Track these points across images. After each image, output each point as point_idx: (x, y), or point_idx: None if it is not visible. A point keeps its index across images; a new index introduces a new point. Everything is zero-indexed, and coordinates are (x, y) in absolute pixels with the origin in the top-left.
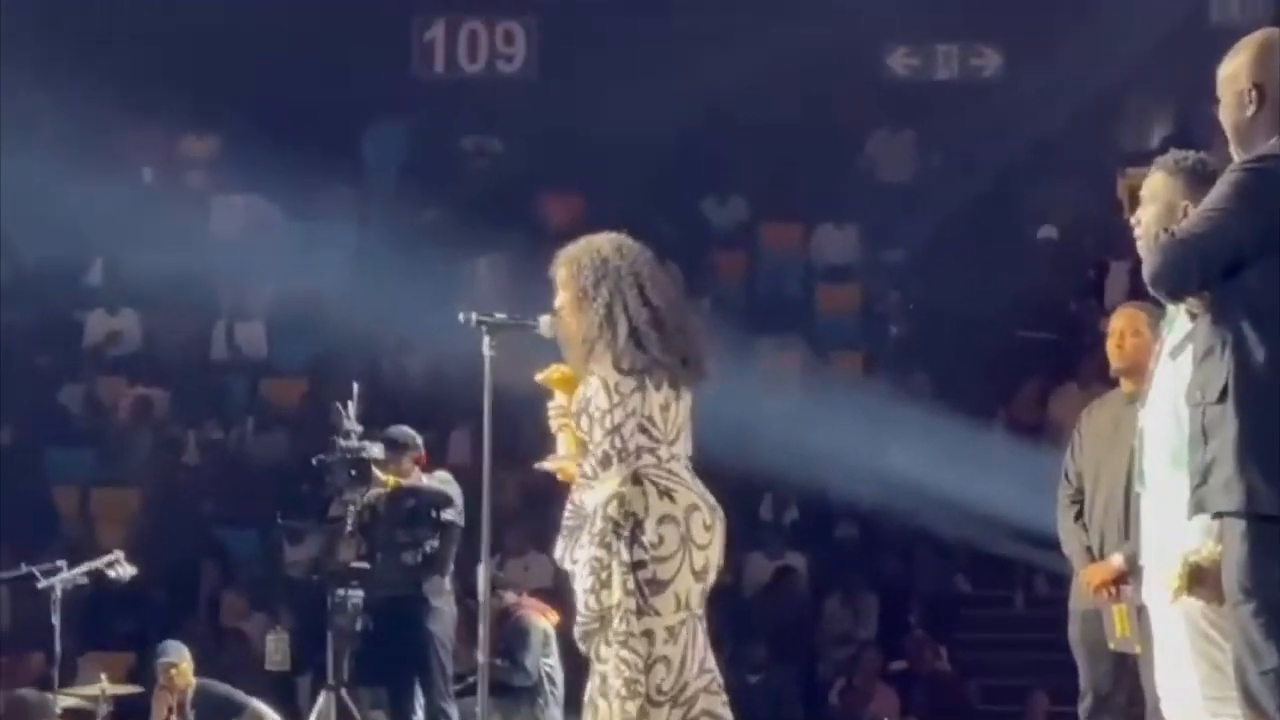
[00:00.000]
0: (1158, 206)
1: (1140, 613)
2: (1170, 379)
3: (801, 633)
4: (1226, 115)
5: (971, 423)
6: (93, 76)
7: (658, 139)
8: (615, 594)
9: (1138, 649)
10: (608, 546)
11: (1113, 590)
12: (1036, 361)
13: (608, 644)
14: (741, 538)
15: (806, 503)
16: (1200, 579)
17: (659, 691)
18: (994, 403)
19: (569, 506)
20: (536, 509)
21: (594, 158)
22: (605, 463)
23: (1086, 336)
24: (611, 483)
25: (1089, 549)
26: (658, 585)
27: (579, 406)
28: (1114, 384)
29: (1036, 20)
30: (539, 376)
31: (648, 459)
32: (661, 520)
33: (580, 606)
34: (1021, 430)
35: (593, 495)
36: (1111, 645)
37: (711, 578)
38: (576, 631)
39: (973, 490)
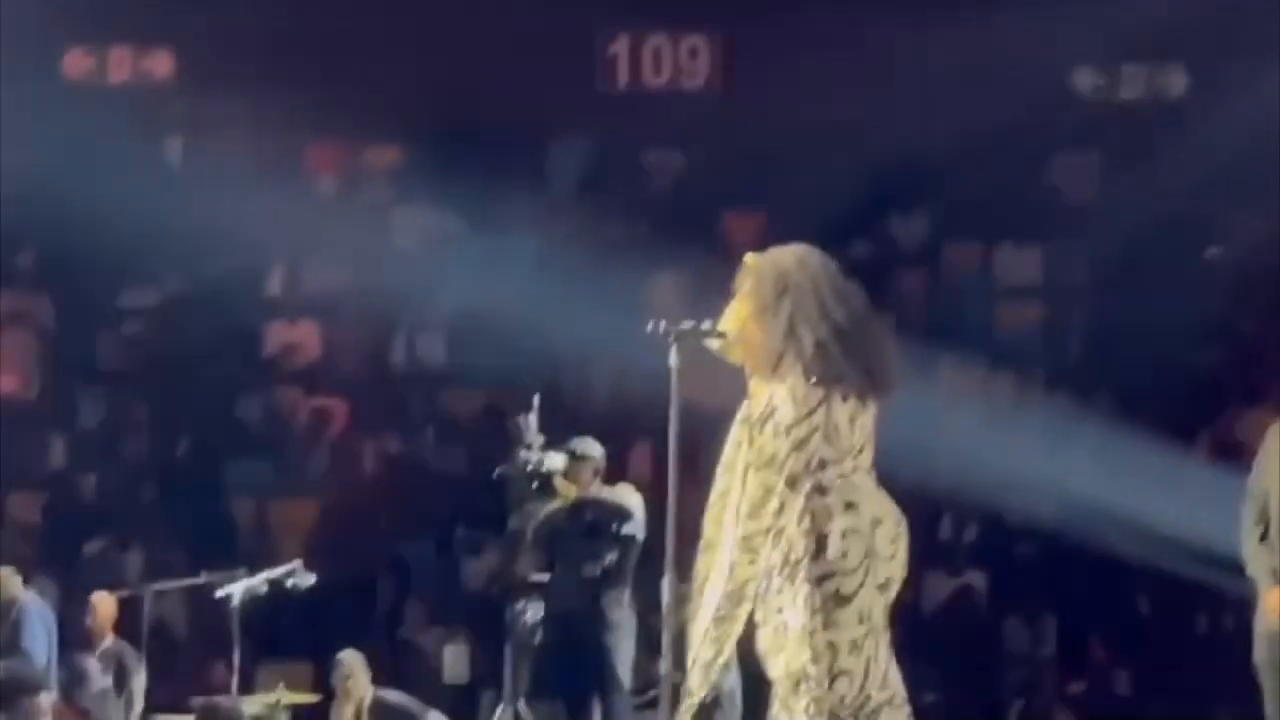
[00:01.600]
0: None
1: None
2: None
3: (980, 652)
4: None
5: (1157, 442)
6: (275, 87)
7: (841, 157)
8: (801, 612)
9: None
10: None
11: None
12: (1224, 383)
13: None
14: (920, 556)
15: (986, 521)
16: None
17: (841, 704)
18: (1187, 423)
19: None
20: None
21: (777, 175)
22: (794, 482)
23: (1271, 358)
24: (800, 499)
25: (1275, 570)
26: (842, 599)
27: (764, 412)
28: None
29: (1224, 42)
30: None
31: (832, 471)
32: (845, 534)
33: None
34: (1215, 451)
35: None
36: None
37: (895, 591)
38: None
39: (1155, 510)
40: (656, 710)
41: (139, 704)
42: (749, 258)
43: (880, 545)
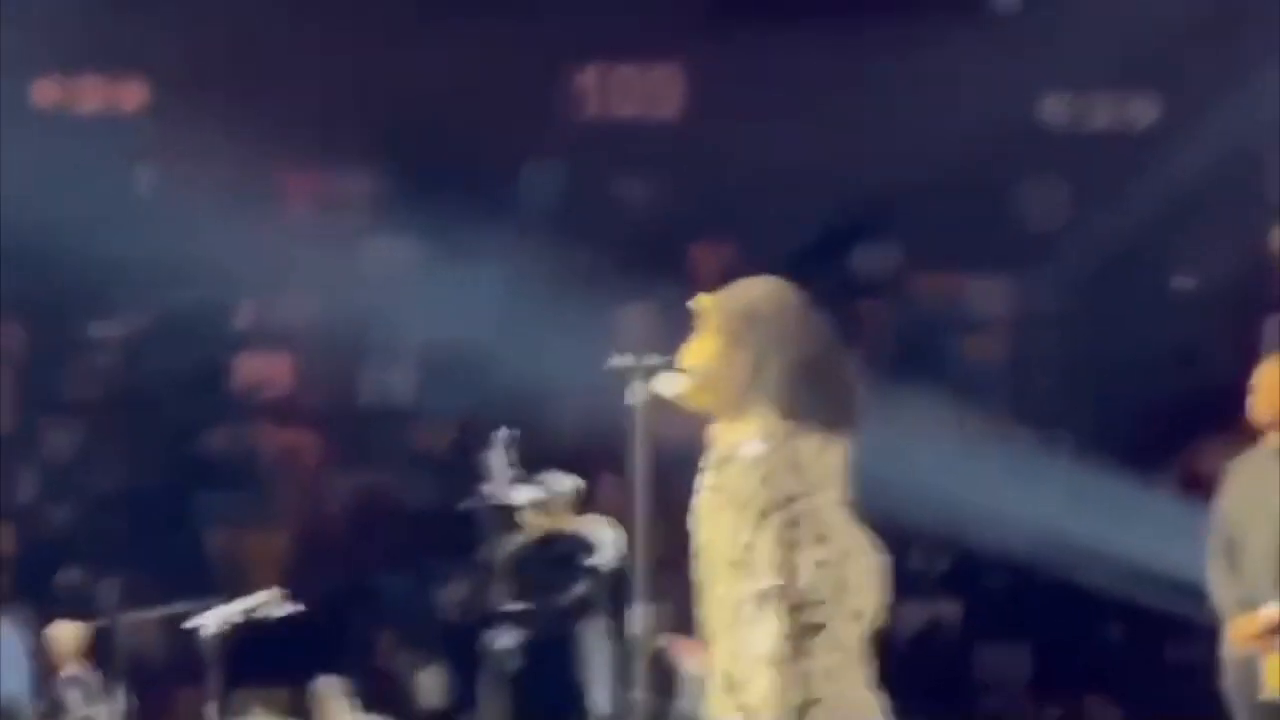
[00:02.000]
0: None
1: None
2: None
3: (952, 682)
4: None
5: (1126, 474)
6: (245, 116)
7: (809, 187)
8: (770, 642)
9: None
10: (772, 598)
11: (1265, 641)
12: (1192, 414)
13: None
14: (892, 587)
15: (957, 552)
16: None
17: None
18: (1155, 455)
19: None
20: (688, 554)
21: (745, 205)
22: (762, 515)
23: (1238, 389)
24: (769, 534)
25: (1240, 600)
26: (813, 629)
27: (727, 451)
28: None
29: (1194, 71)
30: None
31: (801, 504)
32: (816, 565)
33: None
34: (1177, 483)
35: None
36: (1261, 696)
37: (869, 622)
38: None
39: (1125, 541)
40: None
41: None
42: (706, 298)
43: (852, 577)
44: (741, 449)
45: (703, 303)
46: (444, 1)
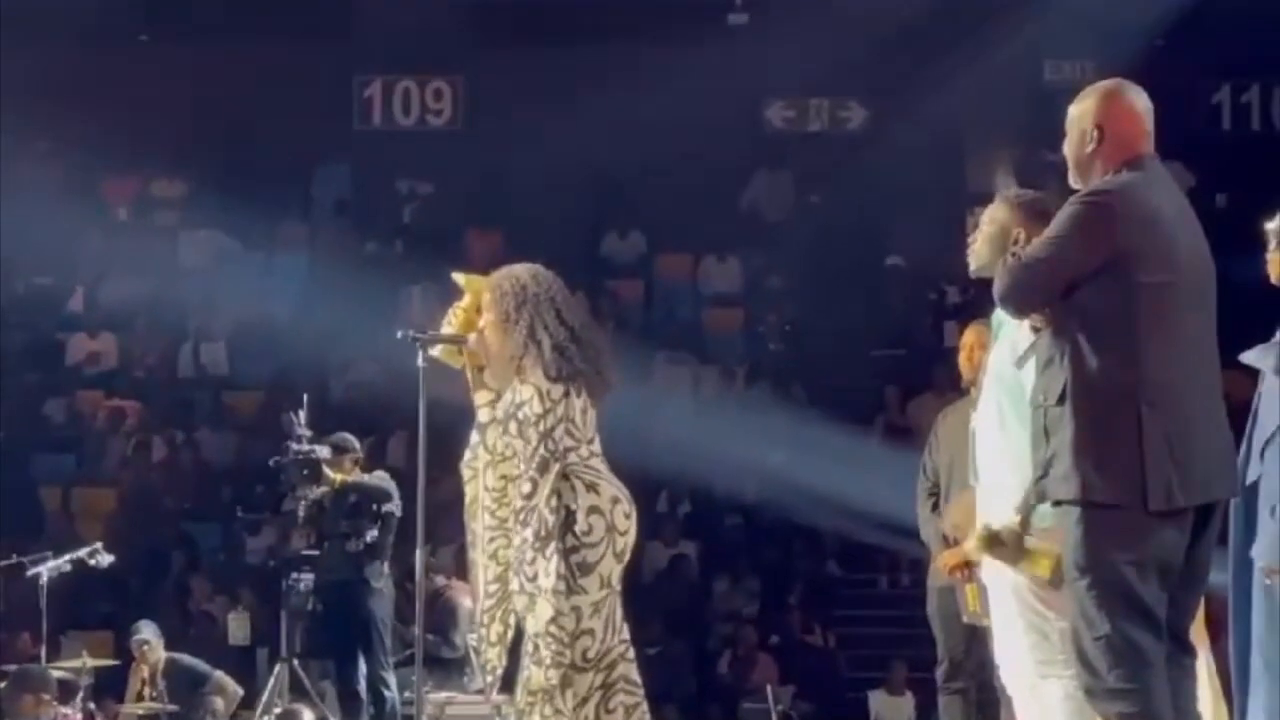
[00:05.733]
0: (993, 229)
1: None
2: (996, 387)
3: (693, 611)
4: (1070, 150)
5: (843, 427)
6: (79, 130)
7: (567, 183)
8: (551, 578)
9: (986, 621)
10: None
11: (965, 571)
12: (896, 374)
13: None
14: (642, 529)
15: (697, 498)
16: (996, 543)
17: (584, 659)
18: (867, 410)
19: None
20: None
21: (511, 199)
22: (544, 467)
23: (938, 351)
24: (550, 483)
25: (944, 535)
26: (586, 568)
27: (508, 411)
28: (964, 391)
29: (895, 79)
30: (460, 278)
31: (573, 457)
32: (590, 511)
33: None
34: (889, 433)
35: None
36: (965, 618)
37: (627, 559)
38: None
39: (843, 486)
40: (412, 666)
41: None
42: (466, 276)
43: (618, 521)
44: (522, 409)
45: (464, 280)
46: (246, 25)
